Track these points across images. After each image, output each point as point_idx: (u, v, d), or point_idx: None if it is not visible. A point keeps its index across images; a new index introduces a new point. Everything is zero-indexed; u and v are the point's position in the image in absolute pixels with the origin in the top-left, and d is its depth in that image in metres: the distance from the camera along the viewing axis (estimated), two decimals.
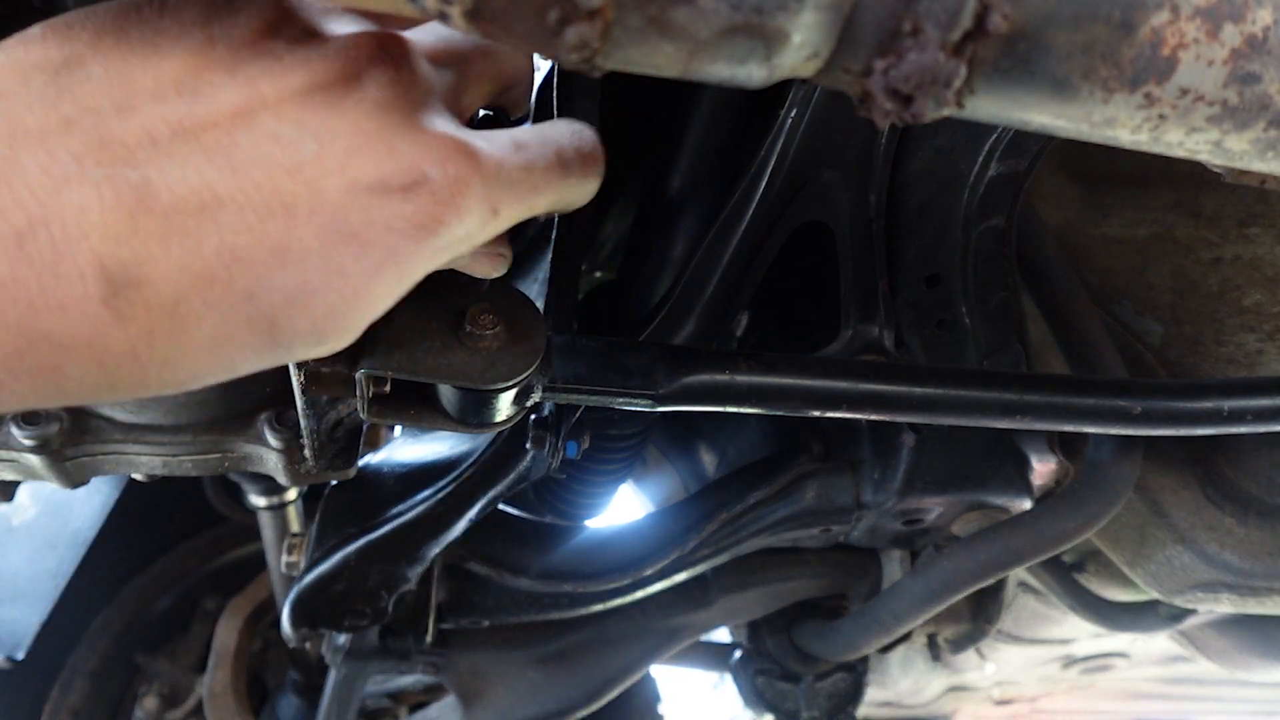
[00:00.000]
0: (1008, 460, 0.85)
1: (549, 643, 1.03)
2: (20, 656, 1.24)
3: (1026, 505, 0.85)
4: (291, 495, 1.13)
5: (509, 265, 0.46)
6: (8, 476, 0.60)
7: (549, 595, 0.94)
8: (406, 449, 0.86)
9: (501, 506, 0.78)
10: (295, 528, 1.18)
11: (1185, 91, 0.30)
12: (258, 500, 1.11)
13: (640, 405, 0.55)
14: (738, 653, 1.21)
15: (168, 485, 0.78)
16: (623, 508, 1.28)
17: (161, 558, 1.59)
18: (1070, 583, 1.18)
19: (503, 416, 0.49)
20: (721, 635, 1.29)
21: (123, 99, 0.29)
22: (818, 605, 1.12)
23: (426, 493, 0.78)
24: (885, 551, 1.06)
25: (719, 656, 1.26)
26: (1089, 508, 0.77)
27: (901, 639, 1.04)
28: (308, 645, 1.16)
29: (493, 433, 0.68)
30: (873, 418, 0.63)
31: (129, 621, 1.53)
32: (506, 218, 0.35)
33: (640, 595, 0.96)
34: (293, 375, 0.45)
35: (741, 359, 0.56)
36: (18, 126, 0.28)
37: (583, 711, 1.02)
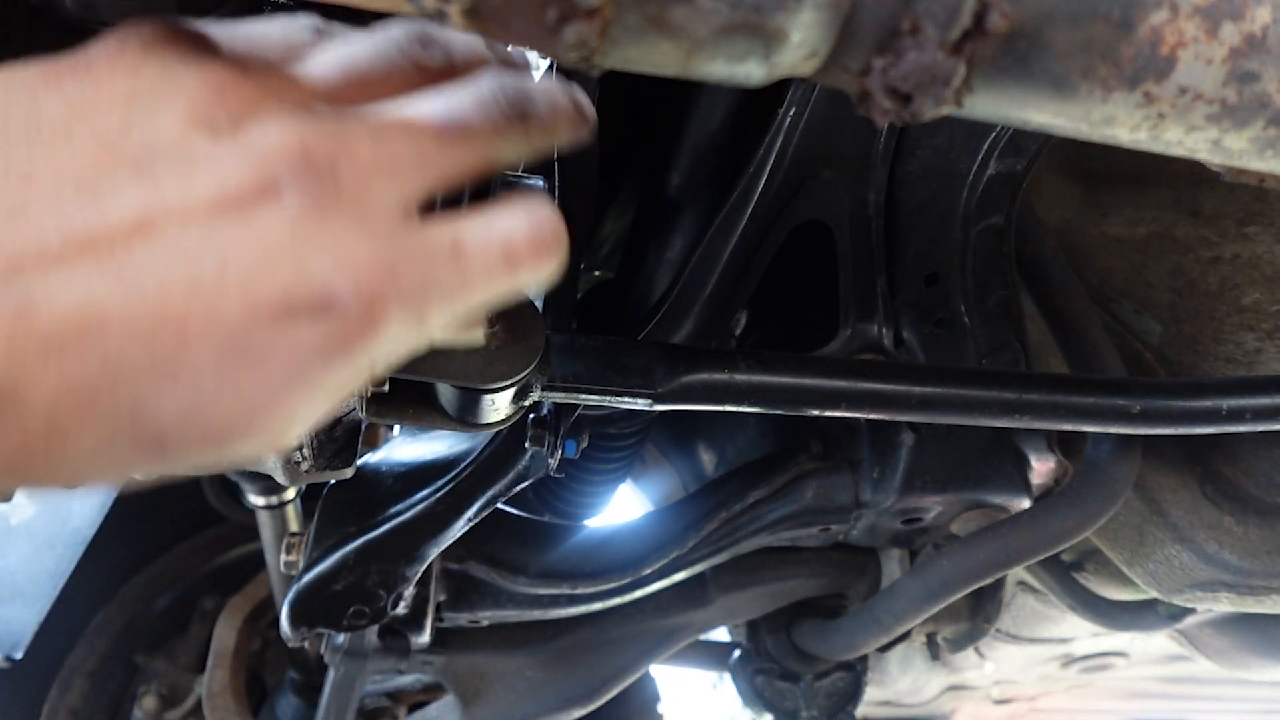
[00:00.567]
0: (1007, 459, 0.85)
1: (548, 642, 1.03)
2: (18, 656, 1.24)
3: (1025, 504, 0.85)
4: (290, 494, 1.13)
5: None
6: None
7: (548, 595, 0.94)
8: (405, 448, 0.86)
9: (500, 506, 0.78)
10: (294, 527, 1.18)
11: (1184, 90, 0.30)
12: (256, 499, 1.11)
13: (639, 404, 0.55)
14: (737, 652, 1.21)
15: (166, 485, 0.78)
16: (622, 507, 1.28)
17: (160, 557, 1.58)
18: (1069, 582, 1.18)
19: (501, 415, 0.49)
20: (720, 634, 1.29)
21: (17, 198, 0.27)
22: (817, 604, 1.12)
23: (425, 492, 0.78)
24: (884, 551, 1.06)
25: (718, 656, 1.26)
26: (1088, 507, 0.78)
27: (900, 638, 1.04)
28: (306, 644, 1.16)
29: (491, 432, 0.68)
30: (872, 416, 0.63)
31: (128, 621, 1.53)
32: (439, 325, 0.33)
33: (639, 595, 0.96)
34: None
35: (740, 358, 0.56)
36: None
37: (582, 711, 1.02)
